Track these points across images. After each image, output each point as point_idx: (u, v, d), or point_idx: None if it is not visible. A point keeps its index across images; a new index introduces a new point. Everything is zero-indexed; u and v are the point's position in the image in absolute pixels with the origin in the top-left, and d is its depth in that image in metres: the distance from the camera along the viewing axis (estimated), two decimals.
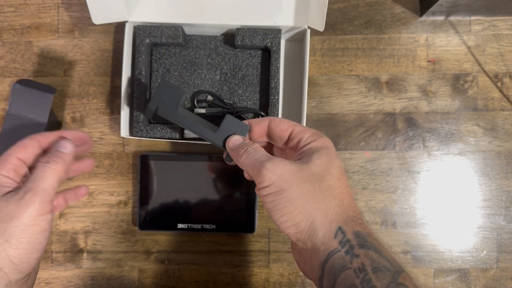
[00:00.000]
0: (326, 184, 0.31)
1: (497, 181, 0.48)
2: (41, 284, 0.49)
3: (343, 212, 0.30)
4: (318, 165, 0.31)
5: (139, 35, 0.45)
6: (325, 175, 0.31)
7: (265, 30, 0.45)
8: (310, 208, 0.30)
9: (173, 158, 0.48)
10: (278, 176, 0.31)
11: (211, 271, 0.49)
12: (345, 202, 0.30)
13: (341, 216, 0.30)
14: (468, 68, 0.49)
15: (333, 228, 0.29)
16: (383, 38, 0.49)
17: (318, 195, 0.30)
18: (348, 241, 0.28)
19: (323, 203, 0.30)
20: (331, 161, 0.32)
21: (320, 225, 0.29)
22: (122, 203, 0.49)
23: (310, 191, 0.30)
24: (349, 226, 0.29)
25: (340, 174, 0.32)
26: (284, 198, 0.30)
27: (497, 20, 0.49)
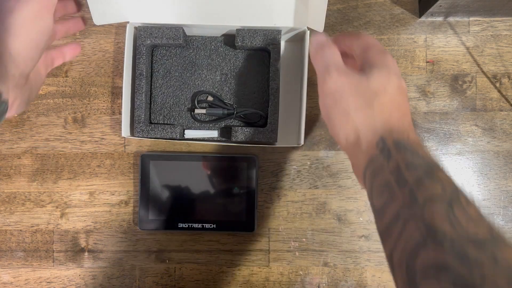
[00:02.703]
0: (379, 100, 0.32)
1: (496, 181, 0.49)
2: (42, 284, 0.49)
3: (388, 126, 0.31)
4: (376, 81, 0.32)
5: (140, 36, 0.45)
6: (380, 92, 0.32)
7: (265, 31, 0.45)
8: (358, 122, 0.31)
9: (173, 158, 0.48)
10: (338, 87, 0.32)
11: (211, 270, 0.49)
12: (393, 117, 0.31)
13: (385, 129, 0.31)
14: (467, 68, 0.49)
15: (376, 139, 0.30)
16: (382, 39, 0.49)
17: (368, 110, 0.31)
18: (387, 149, 0.29)
19: (372, 117, 0.31)
20: (389, 79, 0.32)
21: (365, 138, 0.31)
22: (123, 202, 0.49)
23: (363, 105, 0.32)
24: (391, 136, 0.30)
25: (396, 93, 0.32)
26: (338, 109, 0.32)
27: (496, 21, 0.49)
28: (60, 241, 0.49)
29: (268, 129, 0.45)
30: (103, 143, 0.49)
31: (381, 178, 0.29)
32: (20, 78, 0.34)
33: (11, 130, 0.50)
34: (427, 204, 0.24)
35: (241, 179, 0.47)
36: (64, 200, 0.49)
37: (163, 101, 0.48)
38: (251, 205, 0.47)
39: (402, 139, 0.30)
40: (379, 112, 0.31)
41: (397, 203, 0.26)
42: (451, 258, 0.22)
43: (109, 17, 0.43)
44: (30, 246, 0.49)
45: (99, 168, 0.49)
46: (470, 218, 0.23)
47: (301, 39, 0.47)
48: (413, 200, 0.25)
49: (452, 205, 0.24)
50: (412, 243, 0.24)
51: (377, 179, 0.29)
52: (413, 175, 0.26)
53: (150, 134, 0.45)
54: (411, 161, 0.28)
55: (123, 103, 0.45)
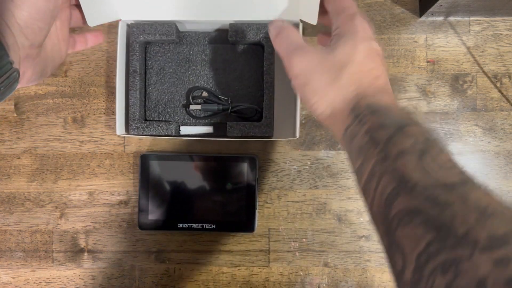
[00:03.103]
0: (347, 71, 0.32)
1: (496, 181, 0.48)
2: (42, 284, 0.49)
3: (361, 93, 0.31)
4: (342, 53, 0.32)
5: (132, 33, 0.45)
6: (347, 63, 0.32)
7: (258, 25, 0.45)
8: (331, 97, 0.32)
9: (173, 158, 0.48)
10: (304, 67, 0.33)
11: (211, 270, 0.49)
12: (364, 83, 0.31)
13: (358, 97, 0.31)
14: (467, 68, 0.49)
15: (349, 107, 0.31)
16: (383, 38, 0.49)
17: (338, 83, 0.32)
18: (360, 114, 0.30)
19: (342, 90, 0.32)
20: (355, 47, 0.32)
21: (339, 110, 0.32)
22: (123, 203, 0.49)
23: (332, 80, 0.32)
24: (364, 101, 0.30)
25: (364, 58, 0.32)
26: (309, 89, 0.33)
27: (496, 20, 0.49)
28: (59, 241, 0.49)
29: (264, 123, 0.45)
30: (102, 143, 0.49)
31: (357, 142, 0.29)
32: (30, 49, 0.34)
33: (10, 130, 0.50)
34: (398, 158, 0.25)
35: (241, 179, 0.47)
36: (64, 200, 0.49)
37: (157, 98, 0.48)
38: (251, 205, 0.47)
39: (374, 102, 0.30)
40: (349, 82, 0.32)
41: (372, 162, 0.27)
42: (422, 203, 0.23)
43: (102, 17, 0.43)
44: (29, 246, 0.49)
45: (98, 168, 0.49)
46: (441, 165, 0.24)
47: None
48: (386, 156, 0.26)
49: (423, 156, 0.25)
50: (386, 195, 0.25)
51: (353, 143, 0.30)
52: (385, 134, 0.27)
53: (145, 131, 0.45)
54: (383, 121, 0.28)
55: (117, 101, 0.45)
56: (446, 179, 0.23)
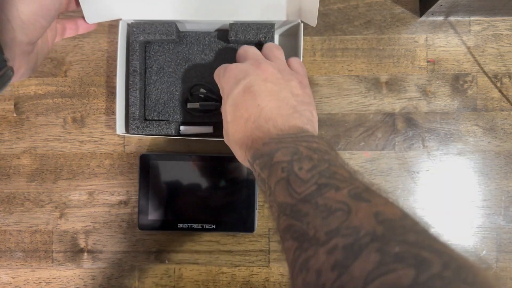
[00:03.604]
0: (229, 137, 0.36)
1: (497, 181, 0.48)
2: (41, 284, 0.49)
3: (245, 147, 0.34)
4: (223, 123, 0.37)
5: (132, 33, 0.45)
6: (227, 130, 0.36)
7: (258, 25, 0.45)
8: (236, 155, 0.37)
9: (173, 158, 0.48)
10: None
11: (211, 270, 0.49)
12: (244, 139, 0.34)
13: (244, 153, 0.35)
14: (468, 68, 0.49)
15: (247, 162, 0.35)
16: (383, 38, 0.49)
17: (232, 148, 0.37)
18: (252, 165, 0.34)
19: (237, 153, 0.36)
20: (225, 111, 0.36)
21: (246, 163, 0.36)
22: (123, 203, 0.49)
23: (230, 147, 0.38)
24: (249, 153, 0.34)
25: (234, 114, 0.35)
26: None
27: (497, 20, 0.49)
28: (59, 242, 0.49)
29: None
30: (102, 143, 0.49)
31: (258, 182, 0.34)
32: (27, 46, 0.34)
33: (10, 130, 0.50)
34: (275, 188, 0.29)
35: (241, 179, 0.47)
36: (63, 200, 0.49)
37: (157, 97, 0.48)
38: (251, 205, 0.47)
39: (253, 152, 0.33)
40: (234, 142, 0.36)
41: (266, 196, 0.32)
42: (292, 220, 0.27)
43: (101, 15, 0.43)
44: (29, 246, 0.49)
45: (98, 168, 0.49)
46: (301, 181, 0.28)
47: (295, 33, 0.46)
48: (269, 190, 0.30)
49: (289, 179, 0.28)
50: (276, 219, 0.29)
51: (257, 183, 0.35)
52: (264, 172, 0.31)
53: (145, 131, 0.45)
54: (262, 164, 0.32)
55: (117, 101, 0.45)
56: (304, 193, 0.27)
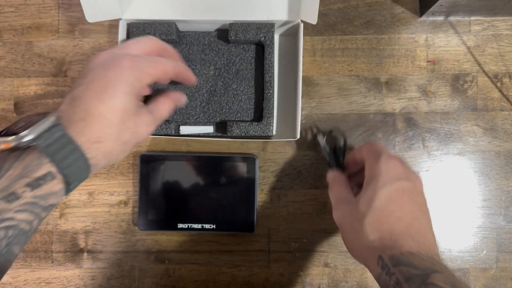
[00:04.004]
0: (367, 221, 0.34)
1: (497, 181, 0.48)
2: (41, 284, 0.49)
3: (382, 243, 0.33)
4: (363, 202, 0.35)
5: (132, 32, 0.45)
6: (366, 212, 0.34)
7: (258, 24, 0.45)
8: (358, 248, 0.35)
9: (173, 158, 0.48)
10: (339, 217, 0.38)
11: (211, 270, 0.49)
12: (384, 231, 0.33)
13: (381, 247, 0.33)
14: (468, 68, 0.49)
15: (376, 258, 0.33)
16: (383, 38, 0.49)
17: (361, 235, 0.34)
18: (386, 265, 0.32)
19: (365, 241, 0.34)
20: (375, 193, 0.34)
21: (368, 258, 0.34)
22: (123, 203, 0.49)
23: (356, 232, 0.35)
24: (387, 253, 0.32)
25: (385, 203, 0.34)
26: (344, 238, 0.37)
27: (497, 20, 0.49)
28: (59, 242, 0.49)
29: (264, 123, 0.45)
30: None
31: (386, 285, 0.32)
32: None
33: None
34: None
35: (241, 179, 0.47)
36: (63, 200, 0.49)
37: None
38: (251, 205, 0.47)
39: (395, 253, 0.32)
40: (370, 231, 0.34)
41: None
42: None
43: (102, 14, 0.43)
44: (29, 246, 0.49)
45: None
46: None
47: (295, 33, 0.46)
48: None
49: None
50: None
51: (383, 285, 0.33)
52: (411, 285, 0.29)
53: None
54: (407, 274, 0.30)
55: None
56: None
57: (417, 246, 0.32)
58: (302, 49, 0.44)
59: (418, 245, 0.32)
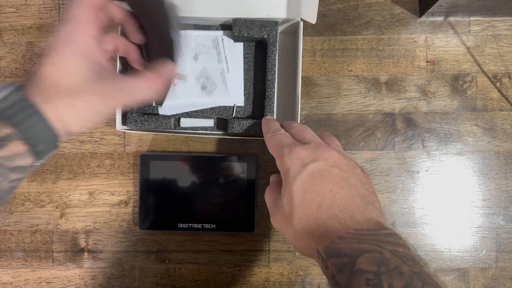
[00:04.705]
0: (296, 221, 0.33)
1: (496, 181, 0.48)
2: (42, 284, 0.49)
3: (315, 237, 0.32)
4: (285, 204, 0.34)
5: None
6: (292, 212, 0.33)
7: (262, 22, 0.45)
8: (302, 246, 0.34)
9: (173, 158, 0.48)
10: (275, 225, 0.37)
11: (211, 270, 0.49)
12: (313, 226, 0.32)
13: (315, 241, 0.32)
14: (467, 68, 0.49)
15: (314, 252, 0.32)
16: (383, 38, 0.49)
17: (297, 234, 0.33)
18: (323, 259, 0.30)
19: (303, 239, 0.33)
20: (291, 192, 0.33)
21: (313, 256, 0.33)
22: (123, 202, 0.49)
23: (293, 233, 0.34)
24: (321, 246, 0.31)
25: (301, 198, 0.33)
26: (288, 241, 0.37)
27: (496, 20, 0.49)
28: (59, 241, 0.49)
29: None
30: (102, 143, 0.49)
31: (329, 282, 0.31)
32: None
33: None
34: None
35: (241, 179, 0.47)
36: (64, 200, 0.49)
37: None
38: (251, 205, 0.47)
39: (327, 244, 0.30)
40: (302, 230, 0.33)
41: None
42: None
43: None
44: (29, 246, 0.49)
45: (98, 168, 0.49)
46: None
47: (295, 31, 0.46)
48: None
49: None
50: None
51: (328, 282, 0.31)
52: (342, 277, 0.28)
53: (143, 125, 0.45)
54: (338, 265, 0.29)
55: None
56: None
57: (344, 226, 0.30)
58: (301, 48, 0.44)
59: (345, 224, 0.30)
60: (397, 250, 0.28)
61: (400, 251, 0.28)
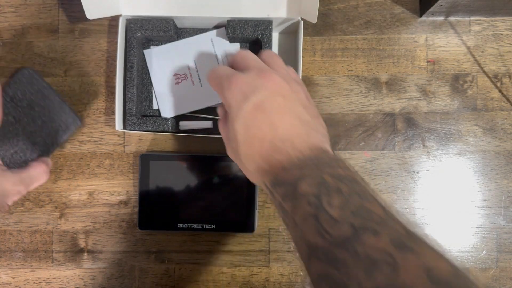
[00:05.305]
0: (242, 156, 0.33)
1: (497, 181, 0.48)
2: (41, 284, 0.49)
3: (262, 171, 0.32)
4: (232, 139, 0.34)
5: (130, 29, 0.45)
6: (237, 148, 0.33)
7: (255, 21, 0.45)
8: (253, 178, 0.35)
9: (173, 158, 0.48)
10: (230, 156, 0.36)
11: (211, 270, 0.49)
12: (259, 160, 0.32)
13: (262, 174, 0.32)
14: (468, 68, 0.49)
15: (263, 185, 0.33)
16: (383, 38, 0.49)
17: (247, 168, 0.34)
18: (270, 190, 0.31)
19: (252, 173, 0.34)
20: (234, 128, 0.33)
21: (260, 184, 0.34)
22: (123, 203, 0.49)
23: (243, 166, 0.34)
24: (266, 179, 0.32)
25: (244, 134, 0.32)
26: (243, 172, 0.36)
27: (497, 20, 0.49)
28: (59, 242, 0.49)
29: None
30: (102, 143, 0.49)
31: (278, 211, 0.31)
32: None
33: None
34: (302, 225, 0.27)
35: (241, 179, 0.47)
36: (63, 200, 0.49)
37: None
38: (251, 205, 0.47)
39: (272, 176, 0.31)
40: (249, 165, 0.33)
41: (288, 228, 0.30)
42: (328, 267, 0.24)
43: (102, 11, 0.43)
44: (29, 246, 0.49)
45: (98, 168, 0.49)
46: (333, 221, 0.25)
47: (295, 31, 0.46)
48: (294, 224, 0.28)
49: (318, 217, 0.26)
50: (304, 258, 0.27)
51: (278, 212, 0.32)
52: (287, 203, 0.29)
53: (142, 127, 0.45)
54: (282, 193, 0.29)
55: (117, 97, 0.45)
56: (340, 236, 0.24)
57: (287, 157, 0.30)
58: (302, 47, 0.44)
59: (287, 155, 0.30)
60: (337, 172, 0.28)
61: (340, 172, 0.28)
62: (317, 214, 0.26)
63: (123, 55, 0.46)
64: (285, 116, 0.32)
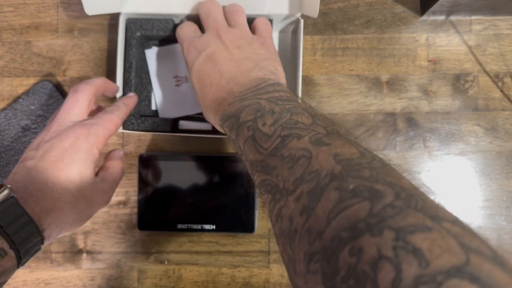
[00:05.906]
0: (202, 106, 0.37)
1: (498, 181, 0.48)
2: (40, 285, 0.49)
3: (214, 114, 0.35)
4: (194, 91, 0.38)
5: (129, 28, 0.45)
6: (198, 99, 0.38)
7: (255, 19, 0.44)
8: (208, 119, 0.38)
9: (172, 158, 0.47)
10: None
11: (211, 271, 0.48)
12: (212, 106, 0.35)
13: (214, 116, 0.35)
14: (469, 68, 0.48)
15: (220, 127, 0.36)
16: (384, 37, 0.49)
17: (203, 113, 0.38)
18: (221, 127, 0.35)
19: (209, 118, 0.37)
20: (192, 81, 0.38)
21: (220, 128, 0.36)
22: (122, 203, 0.49)
23: (204, 114, 0.39)
24: (217, 117, 0.35)
25: (199, 84, 0.37)
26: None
27: (498, 19, 0.48)
28: (58, 242, 0.49)
29: None
30: None
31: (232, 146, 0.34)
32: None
33: None
34: (244, 148, 0.30)
35: (241, 180, 0.47)
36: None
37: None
38: (251, 206, 0.47)
39: (221, 114, 0.34)
40: (208, 114, 0.37)
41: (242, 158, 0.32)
42: (264, 175, 0.28)
43: (101, 7, 0.43)
44: None
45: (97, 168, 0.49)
46: (266, 137, 0.28)
47: (295, 29, 0.46)
48: (240, 150, 0.31)
49: (254, 137, 0.29)
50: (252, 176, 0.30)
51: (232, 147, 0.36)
52: (233, 133, 0.32)
53: (140, 127, 0.45)
54: (229, 125, 0.32)
55: (117, 97, 0.45)
56: (271, 147, 0.28)
57: (231, 94, 0.33)
58: (302, 45, 0.44)
59: (231, 92, 0.33)
60: (273, 95, 0.31)
61: (276, 95, 0.31)
62: (254, 134, 0.29)
63: (123, 55, 0.46)
64: (232, 62, 0.35)
